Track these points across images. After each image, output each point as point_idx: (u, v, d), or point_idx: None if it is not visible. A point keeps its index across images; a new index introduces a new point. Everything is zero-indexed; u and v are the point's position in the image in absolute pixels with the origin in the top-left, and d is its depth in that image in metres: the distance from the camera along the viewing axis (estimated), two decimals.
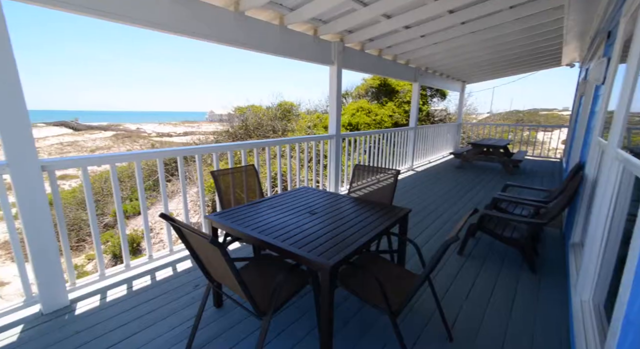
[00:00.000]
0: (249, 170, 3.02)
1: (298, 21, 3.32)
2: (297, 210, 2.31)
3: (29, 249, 1.95)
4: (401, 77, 6.14)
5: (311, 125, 8.60)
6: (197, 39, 2.71)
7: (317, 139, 4.39)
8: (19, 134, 1.83)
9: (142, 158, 2.72)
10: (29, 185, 1.90)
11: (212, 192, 5.95)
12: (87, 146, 27.17)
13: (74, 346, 1.75)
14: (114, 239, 6.58)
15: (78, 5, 1.99)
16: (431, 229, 3.56)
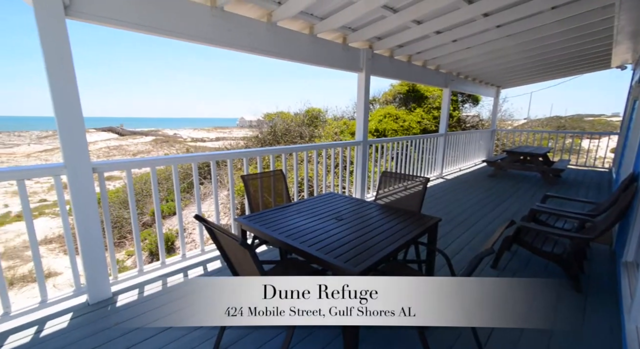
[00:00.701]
0: (277, 175, 3.10)
1: (327, 30, 3.38)
2: (324, 215, 2.33)
3: (80, 244, 2.14)
4: (431, 83, 6.01)
5: (338, 131, 8.63)
6: (233, 50, 2.86)
7: (343, 145, 4.41)
8: (75, 139, 2.03)
9: (179, 162, 2.89)
10: (81, 185, 2.09)
11: (241, 195, 6.14)
12: (130, 150, 29.24)
13: (114, 337, 1.88)
14: (151, 237, 6.99)
15: (133, 24, 2.20)
16: (462, 240, 3.42)
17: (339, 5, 3.06)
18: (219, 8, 2.62)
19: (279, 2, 2.88)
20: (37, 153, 28.00)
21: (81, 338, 1.87)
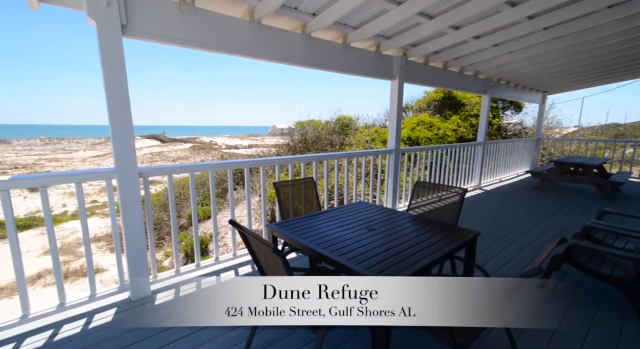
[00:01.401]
0: (308, 182, 3.12)
1: (361, 39, 3.39)
2: (354, 225, 2.29)
3: (125, 243, 2.30)
4: (469, 90, 5.77)
5: (369, 139, 8.55)
6: (270, 61, 2.97)
7: (375, 154, 4.34)
8: (125, 147, 2.20)
9: (215, 168, 3.03)
10: (129, 188, 2.25)
11: (272, 202, 6.26)
12: (170, 156, 31.23)
13: (153, 334, 1.98)
14: (186, 239, 7.35)
15: (180, 40, 2.37)
16: (502, 257, 3.19)
17: (372, 14, 3.06)
18: (257, 22, 2.74)
19: (314, 14, 2.94)
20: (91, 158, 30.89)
21: (123, 333, 1.98)
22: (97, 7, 1.97)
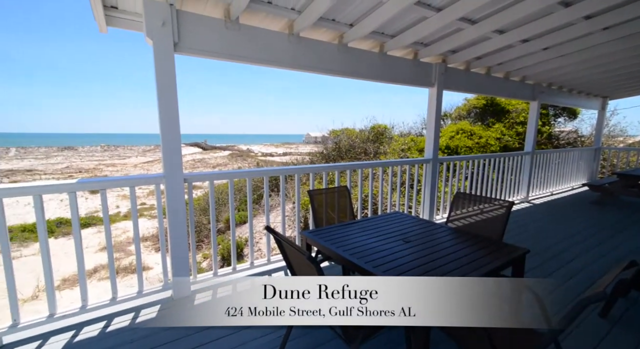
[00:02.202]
0: (342, 191, 3.11)
1: (398, 47, 3.36)
2: (390, 236, 2.23)
3: (170, 244, 2.45)
4: (514, 96, 5.41)
5: (404, 148, 8.33)
6: (307, 72, 3.04)
7: (411, 163, 4.22)
8: (173, 154, 2.37)
9: (253, 176, 3.14)
10: (175, 193, 2.42)
11: (305, 209, 6.32)
12: (211, 163, 33.03)
13: (192, 333, 2.07)
14: (223, 243, 7.66)
15: (225, 54, 2.53)
16: (556, 278, 2.89)
17: (410, 22, 3.02)
18: (295, 34, 2.84)
19: (351, 25, 2.98)
20: (141, 164, 33.69)
21: (165, 329, 2.10)
22: (154, 27, 2.18)
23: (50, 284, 2.11)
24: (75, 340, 2.01)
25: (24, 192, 2.02)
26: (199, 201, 10.62)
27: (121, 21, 2.45)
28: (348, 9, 2.70)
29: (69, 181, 2.18)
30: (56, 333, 2.05)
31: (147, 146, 58.87)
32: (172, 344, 1.98)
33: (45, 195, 2.08)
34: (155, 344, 1.98)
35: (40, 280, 7.15)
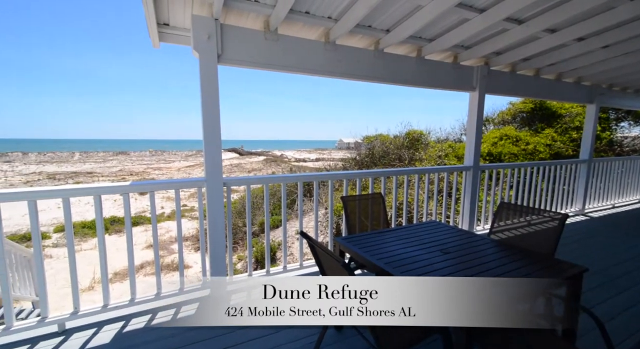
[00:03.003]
0: (376, 198, 3.05)
1: (436, 51, 3.26)
2: (427, 246, 2.14)
3: (209, 245, 2.58)
4: (568, 99, 4.97)
5: (442, 154, 8.00)
6: (343, 79, 3.07)
7: (449, 170, 4.03)
8: (214, 159, 2.51)
9: (287, 181, 3.20)
10: (215, 196, 2.54)
11: (337, 215, 6.30)
12: (247, 168, 34.32)
13: (226, 332, 2.14)
14: (257, 246, 7.88)
15: (264, 64, 2.64)
16: (618, 302, 2.57)
17: (450, 25, 2.92)
18: (331, 42, 2.87)
19: (387, 30, 2.95)
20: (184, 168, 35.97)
21: (204, 327, 2.19)
22: (200, 41, 2.34)
23: (105, 278, 2.32)
24: (124, 330, 2.17)
25: (87, 193, 2.25)
26: (234, 204, 11.07)
27: (171, 36, 2.66)
28: (385, 14, 2.68)
29: (124, 183, 2.39)
30: (109, 322, 2.24)
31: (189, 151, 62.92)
32: (210, 342, 2.06)
33: (103, 195, 2.29)
34: (195, 340, 2.07)
35: (95, 273, 7.87)
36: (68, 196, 2.14)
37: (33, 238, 2.07)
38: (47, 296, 2.13)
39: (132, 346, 2.03)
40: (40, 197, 2.07)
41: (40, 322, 2.09)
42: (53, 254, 9.84)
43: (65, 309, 2.23)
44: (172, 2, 2.28)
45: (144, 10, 2.20)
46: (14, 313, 2.07)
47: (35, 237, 2.08)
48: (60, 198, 2.13)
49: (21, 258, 3.99)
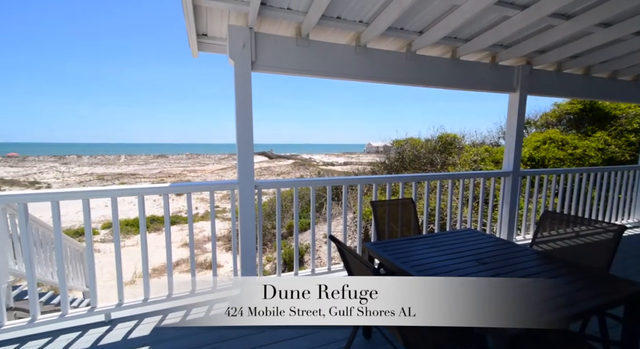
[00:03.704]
0: (406, 203, 2.97)
1: (472, 51, 3.12)
2: (462, 255, 2.03)
3: (240, 245, 2.65)
4: (625, 99, 4.52)
5: (477, 159, 7.60)
6: (374, 82, 3.04)
7: (486, 176, 3.82)
8: (247, 163, 2.59)
9: (316, 185, 3.22)
10: (247, 198, 2.62)
11: (365, 220, 6.21)
12: (276, 171, 35.06)
13: (256, 332, 2.19)
14: (285, 248, 7.99)
15: (296, 70, 2.69)
16: None
17: (488, 23, 2.79)
18: (362, 46, 2.86)
19: (420, 32, 2.89)
20: (217, 171, 37.55)
21: (234, 327, 2.26)
22: (235, 49, 2.44)
23: (146, 274, 2.47)
24: (162, 324, 2.30)
25: (132, 193, 2.42)
26: (263, 206, 11.34)
27: (209, 46, 2.81)
28: (418, 16, 2.62)
29: (163, 184, 2.54)
30: (148, 315, 2.38)
31: (222, 155, 65.64)
32: (242, 340, 2.12)
33: (145, 195, 2.46)
34: (228, 337, 2.14)
35: (137, 267, 8.42)
36: (116, 196, 2.33)
37: (86, 234, 2.27)
38: (97, 288, 2.32)
39: (166, 339, 2.14)
40: (92, 196, 2.27)
41: (90, 311, 2.27)
42: (101, 249, 10.69)
43: (110, 300, 2.40)
44: (210, 14, 2.41)
45: (185, 23, 2.34)
46: (68, 301, 2.27)
47: (87, 233, 2.27)
48: (109, 198, 2.32)
49: (75, 252, 4.39)
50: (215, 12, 2.38)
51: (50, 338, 2.12)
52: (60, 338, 2.13)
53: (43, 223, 3.48)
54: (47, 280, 3.53)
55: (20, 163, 42.96)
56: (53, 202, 2.16)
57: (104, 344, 2.08)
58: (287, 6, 2.37)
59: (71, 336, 2.14)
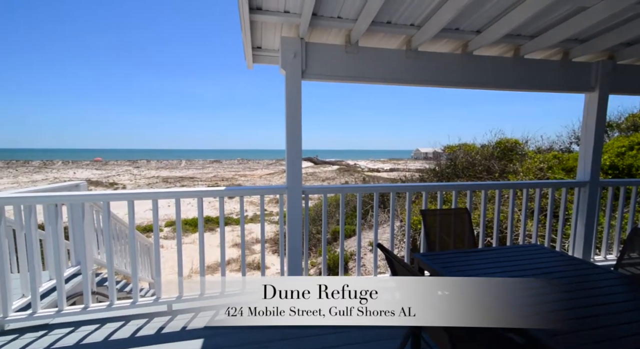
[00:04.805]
0: (461, 214, 2.78)
1: (540, 48, 2.83)
2: (527, 274, 1.83)
3: (287, 248, 2.72)
4: None
5: (544, 167, 6.82)
6: (425, 86, 2.93)
7: (555, 186, 3.41)
8: (295, 169, 2.66)
9: (363, 191, 3.18)
10: (295, 203, 2.69)
11: (413, 229, 5.95)
12: (321, 176, 35.48)
13: (303, 335, 2.21)
14: (330, 253, 8.00)
15: (345, 77, 2.71)
16: None
17: (561, 16, 2.51)
18: (413, 50, 2.78)
19: (478, 31, 2.71)
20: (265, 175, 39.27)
21: (285, 326, 2.31)
22: (287, 59, 2.54)
23: (203, 271, 2.66)
24: (215, 320, 2.45)
25: (193, 195, 2.65)
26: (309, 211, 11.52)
27: (263, 58, 2.98)
28: (475, 15, 2.47)
29: (219, 188, 2.73)
30: (204, 310, 2.56)
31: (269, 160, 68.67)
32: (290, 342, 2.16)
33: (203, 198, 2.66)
34: (274, 338, 2.20)
35: (193, 264, 9.12)
36: (179, 197, 2.56)
37: (154, 231, 2.54)
38: (161, 281, 2.56)
39: (219, 334, 2.27)
40: (160, 197, 2.53)
41: (155, 301, 2.52)
42: (163, 245, 11.83)
43: (170, 293, 2.63)
44: (265, 28, 2.55)
45: (242, 38, 2.51)
46: (138, 291, 2.54)
47: (155, 230, 2.53)
48: (174, 199, 2.56)
49: (143, 246, 4.92)
50: (269, 26, 2.52)
51: (123, 322, 2.39)
52: (132, 322, 2.39)
53: (119, 219, 3.97)
54: (120, 270, 4.01)
55: (103, 167, 49.88)
56: (129, 202, 2.45)
57: (165, 332, 2.28)
58: (337, 15, 2.41)
59: (140, 322, 2.39)
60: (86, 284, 2.41)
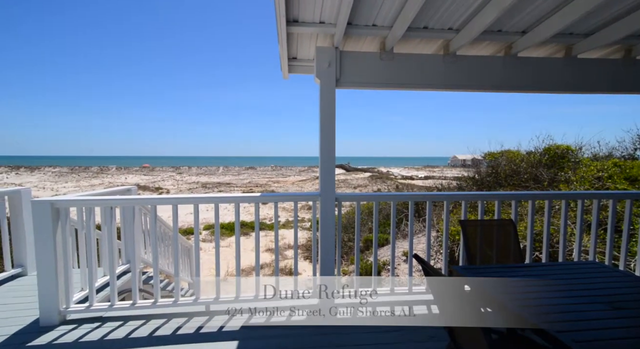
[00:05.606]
0: (505, 225, 2.60)
1: (595, 47, 2.59)
2: (585, 295, 1.65)
3: (320, 255, 2.72)
4: None
5: (602, 175, 6.15)
6: (465, 91, 2.82)
7: (617, 197, 3.06)
8: (328, 176, 2.68)
9: (398, 199, 3.10)
10: (328, 209, 2.69)
11: (451, 240, 5.66)
12: (352, 183, 35.21)
13: (332, 333, 2.18)
14: (362, 262, 7.86)
15: (380, 84, 2.69)
16: None
17: (621, 11, 2.28)
18: (451, 54, 2.69)
19: (523, 32, 2.55)
20: (297, 182, 39.85)
21: (314, 334, 2.31)
22: (321, 69, 2.59)
23: (239, 274, 2.75)
24: (250, 322, 2.51)
25: (230, 201, 2.76)
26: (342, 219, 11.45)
27: (298, 68, 3.05)
28: (521, 14, 2.33)
29: (255, 194, 2.82)
30: (239, 313, 2.63)
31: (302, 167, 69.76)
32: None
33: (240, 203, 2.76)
34: (309, 343, 2.20)
35: (229, 266, 9.46)
36: (218, 202, 2.69)
37: (195, 234, 2.68)
38: (200, 282, 2.69)
39: (254, 337, 2.31)
40: (201, 202, 2.68)
41: (194, 301, 2.64)
42: (202, 247, 12.43)
43: (208, 294, 2.75)
44: (301, 39, 2.63)
45: (279, 49, 2.61)
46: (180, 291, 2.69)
47: (196, 233, 2.68)
48: (213, 204, 2.69)
49: (183, 247, 5.21)
50: (305, 36, 2.59)
51: (166, 319, 2.54)
52: (173, 320, 2.53)
53: (163, 221, 4.26)
54: (163, 269, 4.27)
55: (150, 172, 54.00)
56: (174, 206, 2.62)
57: (203, 332, 2.38)
58: (372, 23, 2.41)
59: (180, 321, 2.52)
60: (134, 282, 2.60)
